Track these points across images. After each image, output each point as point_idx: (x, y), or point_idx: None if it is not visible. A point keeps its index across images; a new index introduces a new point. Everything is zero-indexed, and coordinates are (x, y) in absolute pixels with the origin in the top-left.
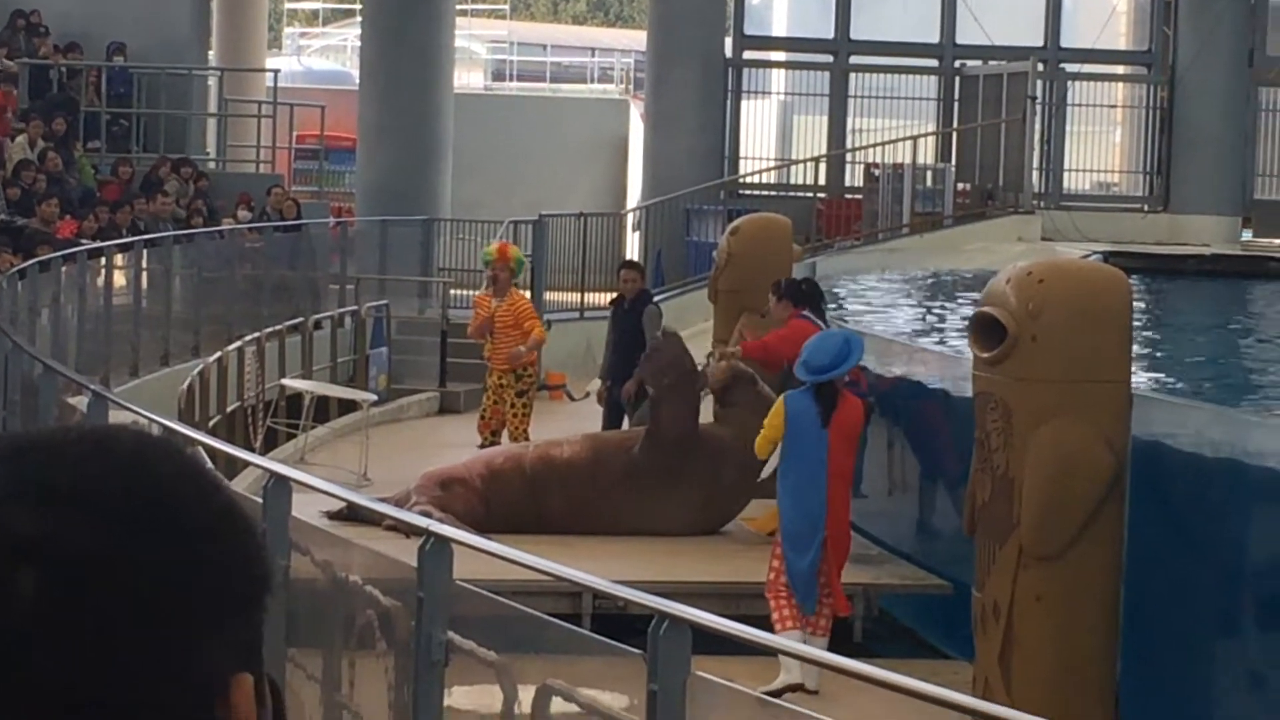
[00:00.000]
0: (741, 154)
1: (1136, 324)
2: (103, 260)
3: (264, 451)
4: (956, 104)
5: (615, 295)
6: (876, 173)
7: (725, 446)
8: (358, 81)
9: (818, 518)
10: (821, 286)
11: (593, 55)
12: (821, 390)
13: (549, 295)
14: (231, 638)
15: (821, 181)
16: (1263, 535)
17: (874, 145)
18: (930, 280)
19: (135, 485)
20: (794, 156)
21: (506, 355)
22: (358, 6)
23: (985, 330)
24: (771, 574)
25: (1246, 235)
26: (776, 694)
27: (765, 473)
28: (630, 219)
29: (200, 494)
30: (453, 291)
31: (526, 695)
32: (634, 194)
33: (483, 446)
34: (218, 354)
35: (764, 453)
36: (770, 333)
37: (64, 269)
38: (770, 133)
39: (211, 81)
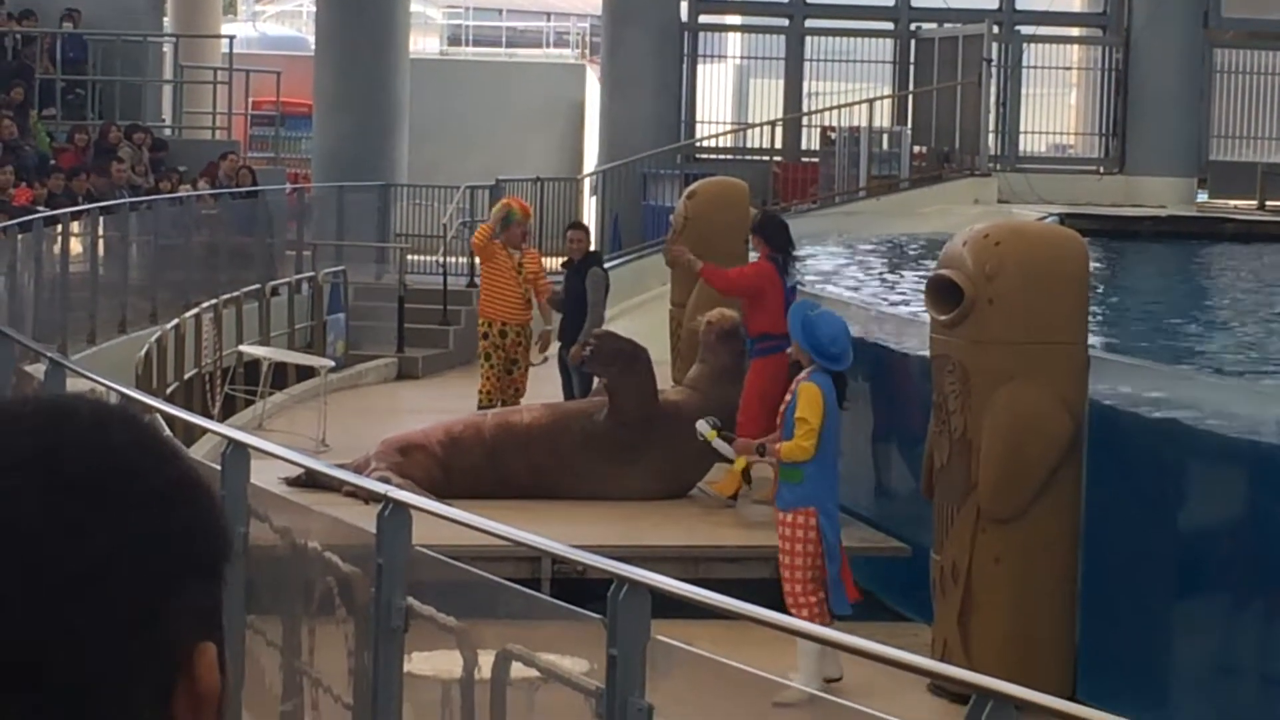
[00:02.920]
0: (698, 118)
1: (1093, 286)
2: (59, 228)
3: (222, 418)
4: (912, 67)
5: (567, 258)
6: (833, 136)
7: (686, 414)
8: (313, 47)
9: (837, 496)
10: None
11: (548, 20)
12: (838, 373)
13: None
14: (191, 604)
15: (778, 145)
16: (1219, 496)
17: (830, 109)
18: (887, 243)
19: (92, 454)
20: (750, 120)
21: (548, 310)
22: None
23: (942, 293)
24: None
25: (1202, 196)
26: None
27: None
28: (587, 184)
29: (157, 462)
30: (410, 257)
31: (486, 660)
32: (590, 158)
33: (506, 404)
34: (175, 321)
35: (810, 454)
36: (735, 269)
37: (20, 237)
38: (726, 96)
39: (167, 48)
